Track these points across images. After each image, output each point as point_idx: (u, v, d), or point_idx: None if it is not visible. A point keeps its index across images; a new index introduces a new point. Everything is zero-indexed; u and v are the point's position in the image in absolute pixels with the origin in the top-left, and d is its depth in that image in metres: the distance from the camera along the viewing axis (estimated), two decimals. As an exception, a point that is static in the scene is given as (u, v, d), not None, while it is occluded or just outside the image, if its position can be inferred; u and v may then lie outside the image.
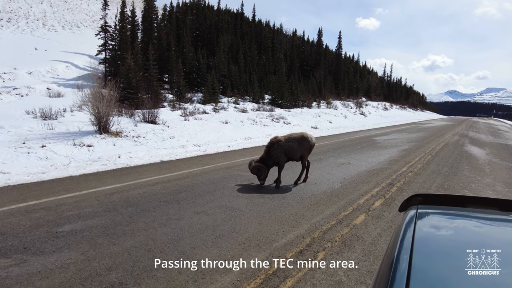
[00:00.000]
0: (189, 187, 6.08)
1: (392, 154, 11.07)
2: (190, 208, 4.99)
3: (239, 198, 5.54)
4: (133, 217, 4.58)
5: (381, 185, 6.91)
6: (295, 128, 21.29)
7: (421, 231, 1.31)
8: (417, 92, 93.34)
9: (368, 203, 5.64)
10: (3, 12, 29.24)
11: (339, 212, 5.11)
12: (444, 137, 18.57)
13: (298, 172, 6.99)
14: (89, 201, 5.15)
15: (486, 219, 1.56)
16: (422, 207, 1.58)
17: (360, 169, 8.48)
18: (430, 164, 9.51)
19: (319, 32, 47.79)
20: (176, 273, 3.19)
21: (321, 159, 9.66)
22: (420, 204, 1.62)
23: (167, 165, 8.20)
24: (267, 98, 30.44)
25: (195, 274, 3.17)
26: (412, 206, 1.62)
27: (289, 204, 5.39)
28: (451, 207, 1.65)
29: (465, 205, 1.64)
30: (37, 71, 21.11)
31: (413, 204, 1.63)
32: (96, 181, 6.29)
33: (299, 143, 6.50)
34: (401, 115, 47.53)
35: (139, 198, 5.37)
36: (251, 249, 3.75)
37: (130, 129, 13.17)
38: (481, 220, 1.56)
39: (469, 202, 1.66)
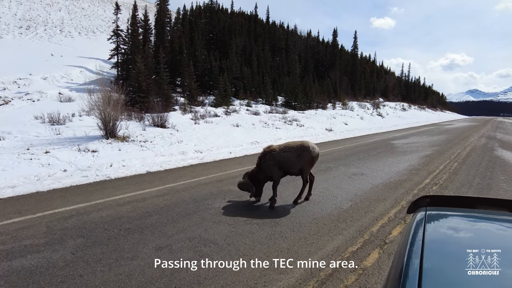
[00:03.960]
0: (164, 208, 4.92)
1: (413, 162, 9.55)
2: (153, 240, 3.84)
3: (220, 225, 4.33)
4: (76, 253, 3.47)
5: (400, 203, 5.53)
6: (309, 131, 19.91)
7: (431, 233, 1.28)
8: (436, 92, 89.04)
9: (384, 232, 4.31)
10: (23, 20, 29.37)
11: (345, 247, 3.82)
12: (470, 139, 16.66)
13: (301, 186, 5.61)
14: (35, 229, 4.09)
15: (497, 220, 1.49)
16: (431, 209, 1.52)
17: (375, 181, 7.08)
18: (458, 174, 7.97)
19: (334, 32, 45.92)
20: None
21: (330, 169, 8.29)
22: (428, 206, 1.56)
23: (152, 177, 7.08)
24: (280, 100, 29.14)
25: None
26: (420, 208, 1.56)
27: (282, 233, 4.13)
28: (460, 209, 1.58)
29: (475, 207, 1.57)
30: (52, 76, 20.72)
31: (422, 206, 1.57)
32: (61, 200, 5.24)
33: (298, 154, 5.18)
34: (420, 116, 44.96)
35: (97, 224, 4.27)
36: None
37: (138, 133, 12.41)
38: (493, 222, 1.49)
39: (479, 204, 1.58)
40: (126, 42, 22.18)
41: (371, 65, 55.41)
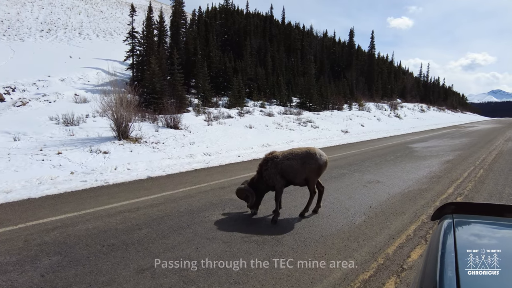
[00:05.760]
0: (157, 221, 4.44)
1: (433, 168, 8.74)
2: (136, 260, 3.35)
3: (213, 243, 3.80)
4: (46, 275, 3.03)
5: (421, 218, 4.84)
6: (324, 133, 19.17)
7: (463, 240, 1.22)
8: (456, 93, 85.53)
9: (401, 254, 3.67)
10: (44, 23, 29.96)
11: (355, 275, 3.20)
12: (495, 143, 15.46)
13: (308, 197, 4.91)
14: (11, 243, 3.69)
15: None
16: (458, 216, 1.44)
17: (393, 190, 6.38)
18: (485, 183, 7.13)
19: (351, 32, 44.66)
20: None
21: (344, 175, 7.62)
22: (454, 213, 1.46)
23: (151, 183, 6.64)
24: (295, 101, 28.44)
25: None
26: (446, 215, 1.47)
27: (283, 255, 3.56)
28: (488, 217, 1.46)
29: (504, 215, 1.46)
30: (69, 78, 20.90)
31: (447, 213, 1.48)
32: (50, 208, 4.85)
33: (303, 162, 4.57)
34: (440, 118, 43.09)
35: (80, 238, 3.83)
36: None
37: (151, 134, 12.18)
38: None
39: (508, 212, 1.46)
40: (141, 43, 22.13)
41: (389, 66, 53.70)
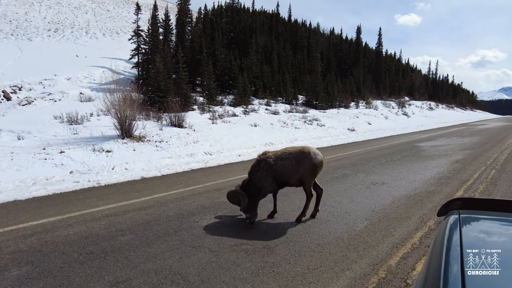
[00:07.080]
0: (143, 226, 4.14)
1: (442, 168, 8.26)
2: (113, 271, 3.05)
3: (200, 252, 3.47)
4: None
5: (427, 224, 4.44)
6: (330, 131, 18.72)
7: (469, 237, 1.18)
8: (466, 90, 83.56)
9: (405, 267, 3.29)
10: (52, 23, 30.03)
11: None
12: (507, 142, 14.80)
13: (305, 200, 4.58)
14: (-16, 251, 3.44)
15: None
16: (464, 211, 1.39)
17: (398, 192, 5.97)
18: (497, 185, 6.66)
19: (358, 30, 43.84)
20: None
21: (347, 176, 7.21)
22: (460, 209, 1.41)
23: (144, 184, 6.35)
24: (301, 99, 27.94)
25: None
26: (452, 210, 1.43)
27: (274, 266, 3.22)
28: (496, 213, 1.41)
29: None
30: (75, 76, 20.83)
31: (453, 209, 1.44)
32: (33, 212, 4.59)
33: (297, 161, 4.23)
34: (449, 116, 42.03)
35: (58, 246, 3.55)
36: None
37: (155, 133, 11.98)
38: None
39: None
40: (146, 42, 21.95)
41: (396, 63, 52.62)
